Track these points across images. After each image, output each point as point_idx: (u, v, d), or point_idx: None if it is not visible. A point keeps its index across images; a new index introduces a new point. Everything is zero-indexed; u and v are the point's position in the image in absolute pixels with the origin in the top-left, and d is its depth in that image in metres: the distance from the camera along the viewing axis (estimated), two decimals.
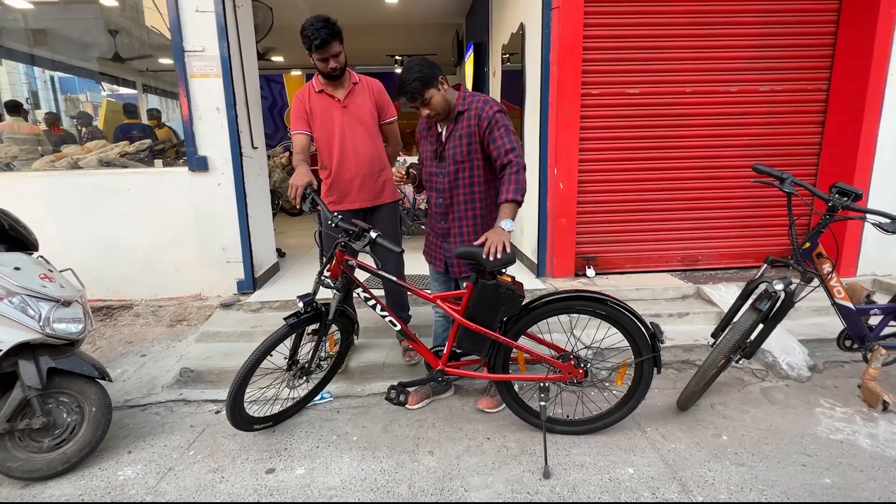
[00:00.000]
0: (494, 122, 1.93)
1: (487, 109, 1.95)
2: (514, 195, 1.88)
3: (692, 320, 3.06)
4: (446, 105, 2.00)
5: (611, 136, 3.51)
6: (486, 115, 1.95)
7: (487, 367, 2.10)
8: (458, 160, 2.04)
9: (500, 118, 1.95)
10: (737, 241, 3.71)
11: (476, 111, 1.98)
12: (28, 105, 10.84)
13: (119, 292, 3.43)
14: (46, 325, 1.96)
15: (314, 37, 2.15)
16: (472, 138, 2.00)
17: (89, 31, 5.87)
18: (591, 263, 3.60)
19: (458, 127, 2.02)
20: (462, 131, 2.01)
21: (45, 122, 6.62)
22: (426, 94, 1.93)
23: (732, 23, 3.41)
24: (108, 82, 8.29)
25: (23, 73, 10.96)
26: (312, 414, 2.38)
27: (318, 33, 2.14)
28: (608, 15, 3.34)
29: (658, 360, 2.02)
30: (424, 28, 7.47)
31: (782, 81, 3.52)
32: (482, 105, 1.97)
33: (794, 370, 2.58)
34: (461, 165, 2.05)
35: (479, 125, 1.97)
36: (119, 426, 2.31)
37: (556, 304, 2.00)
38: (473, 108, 1.99)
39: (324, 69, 2.28)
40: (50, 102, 12.35)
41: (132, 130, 4.71)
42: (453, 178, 2.08)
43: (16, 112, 4.87)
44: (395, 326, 2.08)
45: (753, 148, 3.58)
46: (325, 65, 2.26)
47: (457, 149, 2.03)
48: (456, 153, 2.04)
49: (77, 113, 8.60)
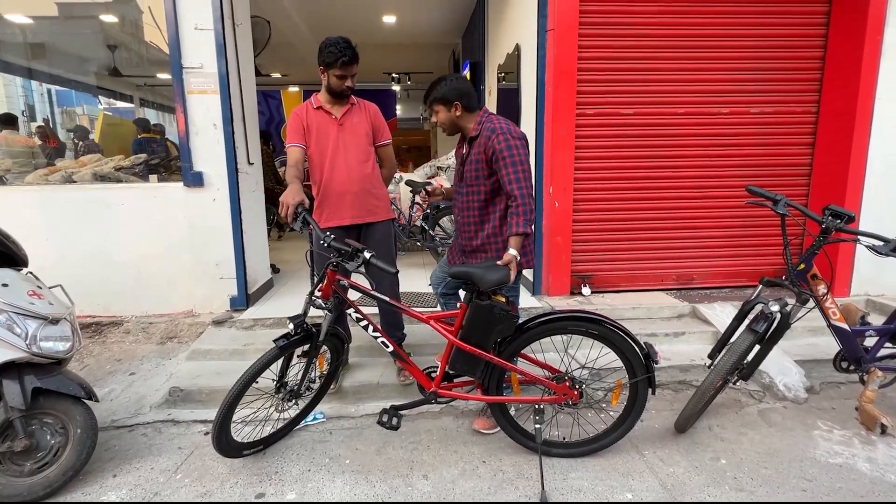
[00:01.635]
0: (500, 156, 1.96)
1: (494, 140, 1.98)
2: (516, 228, 1.94)
3: (688, 340, 3.05)
4: (451, 125, 2.16)
5: (606, 156, 3.54)
6: (491, 145, 1.99)
7: (481, 389, 2.07)
8: (468, 184, 2.15)
9: (506, 150, 1.95)
10: (731, 260, 3.72)
11: (484, 139, 2.03)
12: (24, 118, 10.84)
13: (109, 308, 3.38)
14: (33, 344, 1.92)
15: (343, 53, 2.25)
16: (479, 164, 2.07)
17: (88, 45, 5.90)
18: (587, 281, 3.60)
19: (472, 151, 2.11)
20: (474, 157, 2.10)
21: (38, 136, 6.59)
22: (435, 106, 2.13)
23: (723, 46, 3.49)
24: (106, 96, 8.32)
25: (20, 85, 11.00)
26: (304, 435, 2.33)
27: (346, 51, 2.25)
28: (603, 38, 3.40)
29: (653, 380, 2.00)
30: (422, 47, 7.58)
31: (772, 104, 3.59)
32: (489, 134, 2.01)
33: (791, 391, 2.57)
34: (471, 189, 2.15)
35: (486, 153, 2.03)
36: (104, 448, 2.25)
37: (550, 325, 1.99)
38: (483, 134, 2.04)
39: (338, 86, 2.33)
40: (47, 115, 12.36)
41: (151, 144, 4.62)
42: (466, 199, 2.19)
43: (10, 125, 4.85)
44: (388, 347, 2.05)
45: (746, 168, 3.62)
46: (342, 82, 2.32)
47: (470, 172, 2.13)
48: (469, 176, 2.14)
49: (74, 126, 8.59)
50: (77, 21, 5.44)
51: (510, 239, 1.95)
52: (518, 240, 1.94)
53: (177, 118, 3.13)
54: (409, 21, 6.22)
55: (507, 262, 1.89)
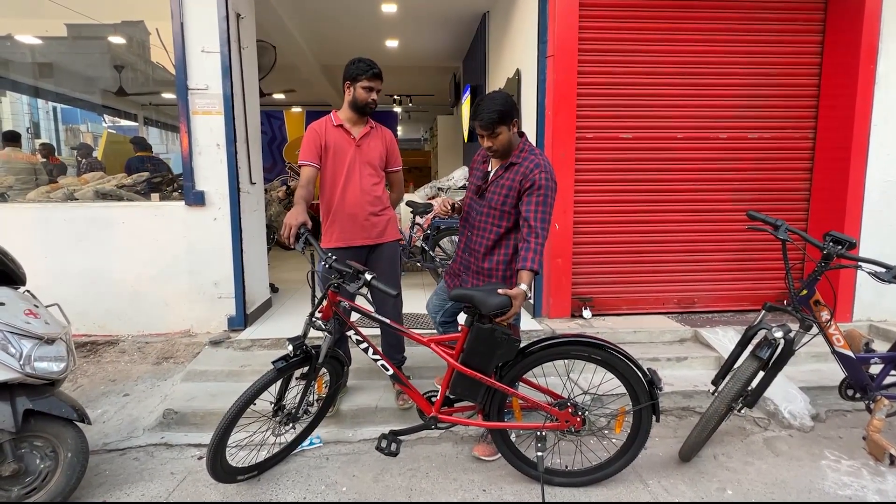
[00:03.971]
0: (538, 188, 1.94)
1: (537, 174, 1.96)
2: (531, 265, 1.91)
3: (691, 365, 3.01)
4: (509, 147, 2.05)
5: (605, 179, 3.57)
6: (531, 177, 1.96)
7: (482, 415, 2.03)
8: (492, 205, 2.09)
9: (544, 189, 1.95)
10: (733, 284, 3.71)
11: (525, 169, 1.99)
12: (29, 135, 10.95)
13: (105, 327, 3.34)
14: (27, 364, 1.89)
15: (372, 65, 2.33)
16: (511, 192, 2.03)
17: (94, 65, 6.01)
18: (588, 304, 3.58)
19: (506, 176, 2.05)
20: (506, 182, 2.04)
21: (41, 153, 6.64)
22: (498, 128, 1.97)
23: (721, 73, 3.55)
24: (110, 115, 8.43)
25: (25, 103, 11.14)
26: (300, 461, 2.28)
27: (374, 65, 2.33)
28: (602, 63, 3.47)
29: (657, 408, 1.97)
30: (423, 70, 7.73)
31: (770, 129, 3.63)
32: (532, 167, 1.98)
33: (796, 419, 2.53)
34: (493, 211, 2.09)
35: (522, 183, 1.99)
36: (95, 472, 2.19)
37: (553, 349, 1.96)
38: (525, 164, 2.00)
39: (364, 99, 2.36)
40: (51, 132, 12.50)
41: (146, 163, 4.56)
42: (485, 218, 2.13)
43: (13, 142, 4.89)
44: (387, 371, 2.02)
45: (745, 192, 3.65)
46: (368, 95, 2.36)
47: (495, 195, 2.07)
48: (493, 198, 2.08)
49: (77, 144, 8.66)
50: (85, 42, 5.54)
51: (522, 273, 1.91)
52: (530, 276, 1.91)
53: (181, 138, 3.16)
54: (411, 45, 6.36)
55: (516, 296, 1.84)
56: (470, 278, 2.24)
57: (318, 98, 9.24)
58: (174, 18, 3.04)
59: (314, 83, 7.90)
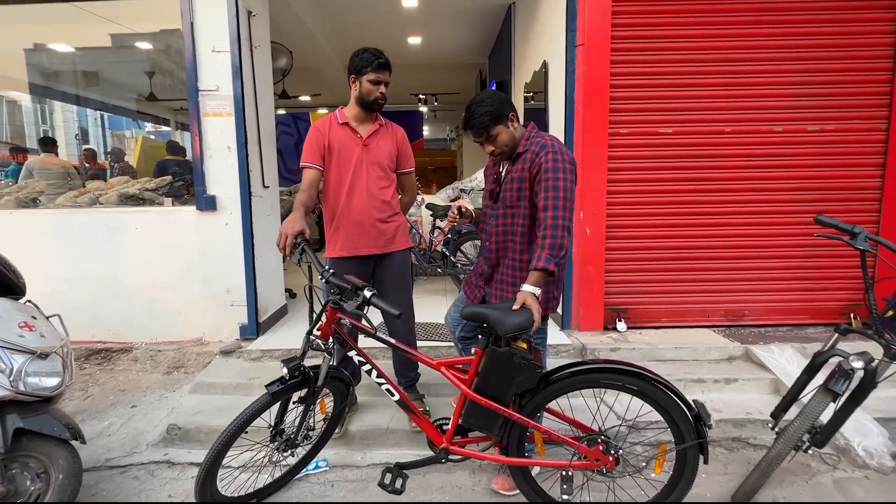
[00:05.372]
0: (544, 175, 1.72)
1: (542, 156, 1.75)
2: (537, 262, 1.64)
3: (742, 388, 2.67)
4: (513, 143, 1.87)
5: (642, 178, 3.24)
6: (538, 161, 1.76)
7: (499, 448, 1.79)
8: (507, 204, 1.90)
9: (551, 172, 1.72)
10: (790, 295, 3.30)
11: (531, 154, 1.80)
12: (77, 140, 11.50)
13: (119, 334, 3.30)
14: (18, 380, 1.79)
15: (378, 54, 2.12)
16: (522, 183, 1.83)
17: (133, 72, 6.14)
18: (623, 316, 3.26)
19: (514, 169, 1.87)
20: (515, 174, 1.86)
21: (84, 158, 6.88)
22: (493, 130, 1.82)
23: (775, 58, 3.16)
24: (144, 120, 8.67)
25: (75, 111, 11.73)
26: (303, 487, 2.11)
27: (381, 54, 2.13)
28: (638, 51, 3.14)
29: (705, 447, 1.68)
30: (448, 68, 7.53)
31: (833, 120, 3.20)
32: (538, 150, 1.78)
33: (873, 458, 2.15)
34: (509, 211, 1.90)
35: (530, 170, 1.79)
36: (92, 492, 2.10)
37: (580, 377, 1.71)
38: (531, 150, 1.81)
39: (371, 93, 2.15)
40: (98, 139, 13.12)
41: (173, 167, 4.68)
42: (501, 221, 1.93)
43: (49, 148, 5.01)
44: (393, 396, 1.81)
45: (805, 192, 3.23)
46: (376, 88, 2.14)
47: (507, 192, 1.89)
48: (506, 197, 1.89)
49: (111, 149, 8.96)
50: (125, 50, 5.63)
51: (529, 274, 1.66)
52: (539, 276, 1.64)
53: (192, 141, 3.07)
54: (434, 42, 6.16)
55: (521, 302, 1.58)
56: (492, 289, 2.02)
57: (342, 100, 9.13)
58: (184, 17, 2.96)
59: (336, 84, 7.83)
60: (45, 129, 13.03)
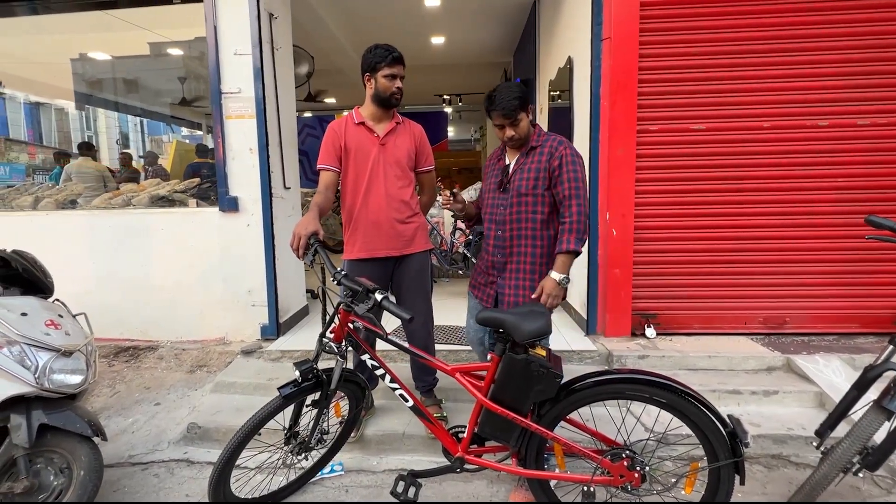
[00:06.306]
0: (565, 162, 1.91)
1: (561, 150, 1.94)
2: (568, 245, 1.82)
3: (783, 401, 2.48)
4: (527, 135, 2.00)
5: (673, 178, 3.08)
6: (558, 154, 1.93)
7: (517, 459, 1.71)
8: (521, 192, 1.98)
9: (572, 160, 1.93)
10: (835, 301, 3.07)
11: (550, 149, 1.96)
12: (118, 145, 12.05)
13: (147, 332, 3.39)
14: (43, 377, 1.84)
15: (391, 49, 2.11)
16: (539, 174, 1.95)
17: (167, 79, 6.37)
18: (651, 321, 3.11)
19: (528, 161, 1.99)
20: (531, 166, 1.97)
21: (120, 162, 7.17)
22: (519, 115, 1.93)
23: (819, 47, 2.94)
24: (180, 125, 8.98)
25: (116, 118, 12.32)
26: (317, 492, 2.08)
27: (393, 49, 2.12)
28: (668, 44, 2.99)
29: (741, 467, 1.55)
30: (472, 67, 7.45)
31: (885, 113, 2.96)
32: (556, 144, 1.96)
33: None
34: (524, 198, 1.98)
35: (549, 162, 1.94)
36: (113, 488, 2.13)
37: (603, 388, 1.61)
38: (547, 145, 1.98)
39: (388, 88, 2.12)
40: (138, 143, 13.74)
41: (202, 169, 4.82)
42: (515, 209, 2.00)
43: (87, 152, 5.22)
44: (407, 402, 1.76)
45: (852, 191, 3.00)
46: (392, 83, 2.12)
47: (522, 181, 1.98)
48: (521, 185, 1.98)
49: (146, 153, 9.31)
50: (161, 58, 5.83)
51: (557, 258, 1.83)
52: (566, 261, 1.81)
53: (215, 143, 3.12)
54: (458, 41, 6.10)
55: (550, 290, 1.70)
56: (506, 280, 2.02)
57: None
58: (208, 22, 3.00)
59: (361, 86, 7.87)
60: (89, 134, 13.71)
